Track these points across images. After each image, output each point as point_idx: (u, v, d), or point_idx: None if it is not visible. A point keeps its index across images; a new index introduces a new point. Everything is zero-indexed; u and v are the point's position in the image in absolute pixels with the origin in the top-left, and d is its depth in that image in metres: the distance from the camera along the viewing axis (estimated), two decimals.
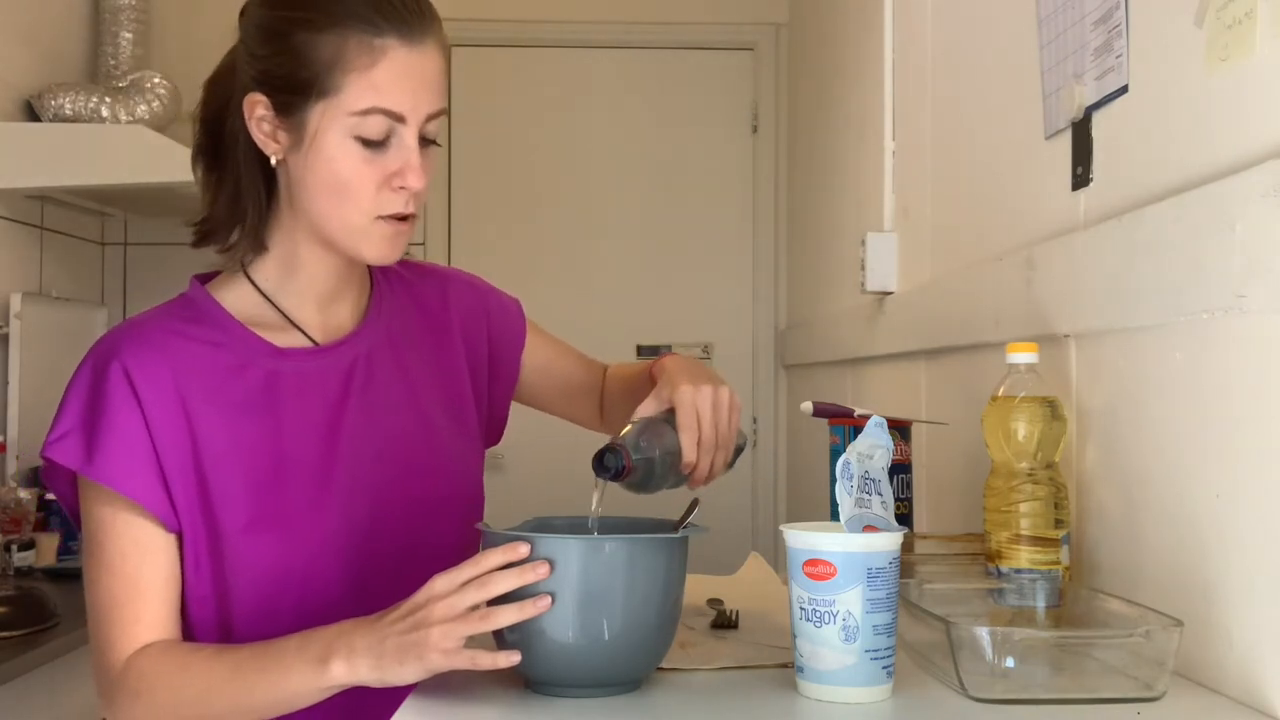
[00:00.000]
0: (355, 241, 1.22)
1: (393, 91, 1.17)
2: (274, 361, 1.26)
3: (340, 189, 1.19)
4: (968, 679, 1.02)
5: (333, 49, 1.16)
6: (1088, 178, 1.37)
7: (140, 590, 1.20)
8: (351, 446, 1.27)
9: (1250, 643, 1.02)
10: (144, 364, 1.21)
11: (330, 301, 1.31)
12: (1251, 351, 1.02)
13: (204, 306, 1.27)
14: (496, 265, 3.85)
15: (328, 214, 1.21)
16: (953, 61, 1.99)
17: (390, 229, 1.22)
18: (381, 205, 1.20)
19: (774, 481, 3.91)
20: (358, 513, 1.26)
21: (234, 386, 1.24)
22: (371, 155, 1.18)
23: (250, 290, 1.28)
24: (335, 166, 1.18)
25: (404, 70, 1.18)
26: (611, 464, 1.16)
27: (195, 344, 1.24)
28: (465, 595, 1.04)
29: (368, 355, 1.31)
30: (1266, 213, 0.96)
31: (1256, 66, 1.02)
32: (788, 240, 3.87)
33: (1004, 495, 1.25)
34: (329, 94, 1.17)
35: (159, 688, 1.16)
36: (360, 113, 1.17)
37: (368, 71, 1.16)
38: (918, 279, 2.16)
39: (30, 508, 2.59)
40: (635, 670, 1.08)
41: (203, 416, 1.22)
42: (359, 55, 1.16)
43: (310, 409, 1.26)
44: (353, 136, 1.18)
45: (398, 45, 1.17)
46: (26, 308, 2.98)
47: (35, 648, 1.95)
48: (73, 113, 3.06)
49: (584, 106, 3.95)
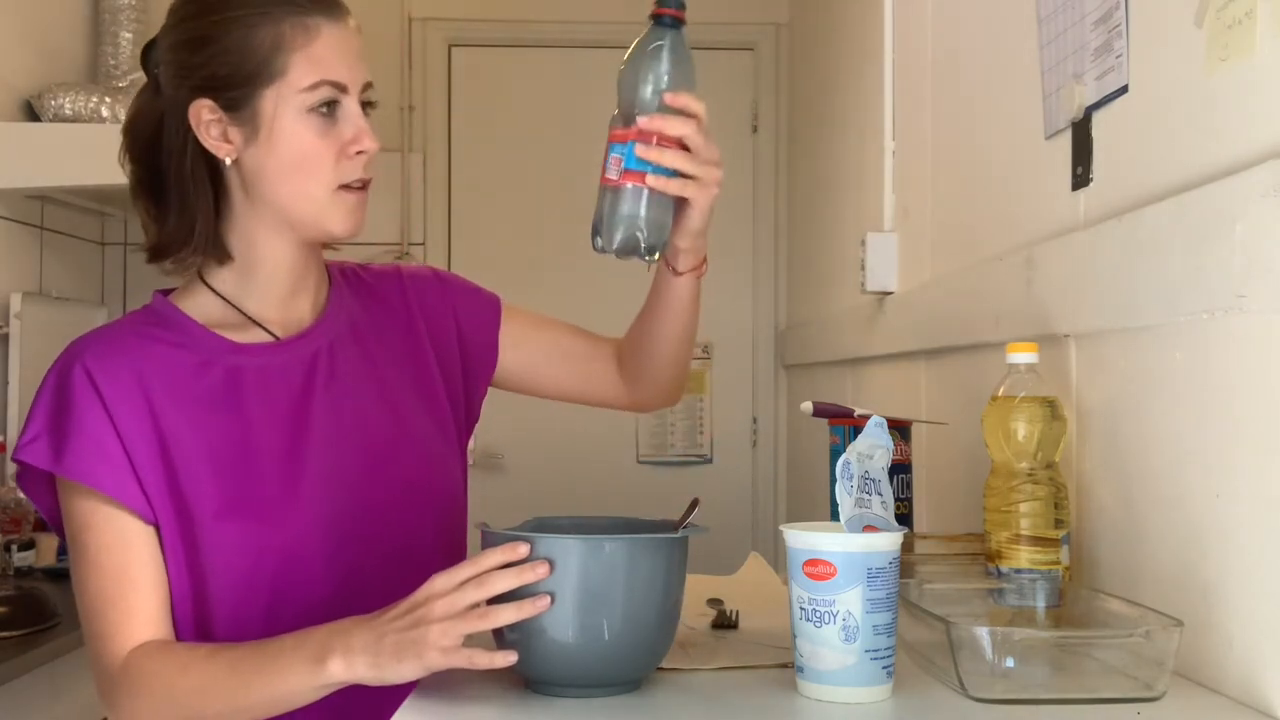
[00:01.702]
0: (321, 216, 1.27)
1: (332, 64, 1.25)
2: (235, 358, 1.28)
3: (302, 165, 1.25)
4: (968, 679, 1.02)
5: (271, 36, 1.23)
6: (1088, 178, 1.37)
7: (129, 584, 1.21)
8: (321, 435, 1.29)
9: (1250, 643, 1.02)
10: (105, 364, 1.23)
11: (290, 296, 1.33)
12: (1251, 351, 1.02)
13: (166, 313, 1.30)
14: (496, 265, 3.86)
15: (293, 194, 1.26)
16: (953, 61, 1.99)
17: (353, 198, 1.27)
18: (341, 174, 1.26)
19: (774, 481, 3.92)
20: (331, 499, 1.26)
21: (197, 383, 1.26)
22: (325, 128, 1.25)
23: (210, 297, 1.31)
24: (296, 143, 1.24)
25: (337, 44, 1.26)
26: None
27: (158, 345, 1.27)
28: (464, 594, 1.05)
29: (329, 347, 1.33)
30: (1266, 213, 0.96)
31: (1256, 66, 1.02)
32: (788, 240, 3.87)
33: (1004, 495, 1.25)
34: (276, 77, 1.23)
35: (158, 687, 1.17)
36: (308, 88, 1.24)
37: (307, 49, 1.24)
38: (918, 279, 2.16)
39: (30, 507, 2.59)
40: (635, 670, 1.08)
41: (168, 412, 1.24)
42: (296, 35, 1.23)
43: (275, 401, 1.28)
44: (306, 111, 1.24)
45: (326, 22, 1.25)
46: (26, 308, 2.98)
47: (35, 648, 1.95)
48: (73, 113, 3.06)
49: (584, 106, 3.93)
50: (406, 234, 3.84)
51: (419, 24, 3.89)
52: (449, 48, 3.92)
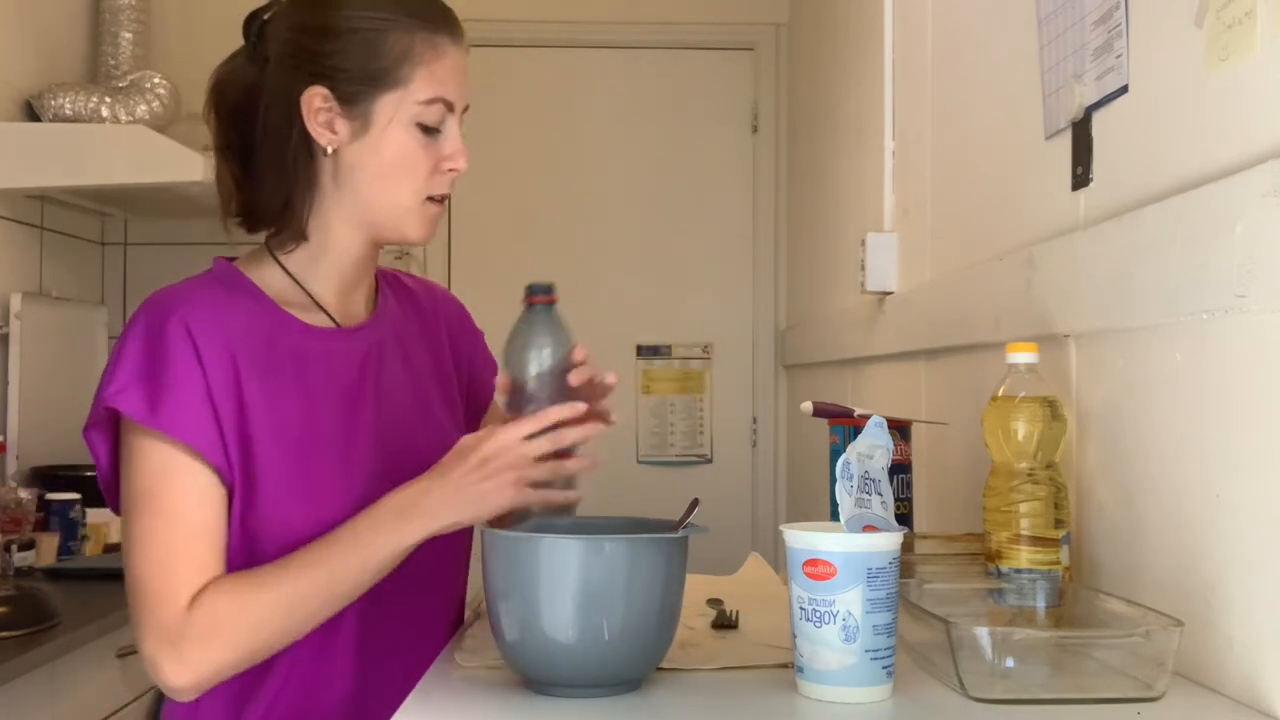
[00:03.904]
0: (402, 222, 1.33)
1: (449, 84, 1.31)
2: (304, 338, 1.32)
3: (400, 170, 1.30)
4: (968, 679, 1.02)
5: (402, 44, 1.28)
6: (1088, 178, 1.37)
7: (204, 539, 1.22)
8: (369, 425, 1.33)
9: (1250, 643, 1.02)
10: (203, 321, 1.25)
11: (351, 288, 1.38)
12: (1251, 351, 1.02)
13: (238, 281, 1.33)
14: (496, 265, 3.87)
15: (383, 195, 1.31)
16: (953, 61, 1.99)
17: (435, 210, 1.35)
18: (431, 187, 1.33)
19: (774, 481, 3.92)
20: (372, 490, 1.28)
21: (271, 354, 1.29)
22: (427, 141, 1.31)
23: (278, 271, 1.34)
24: (400, 150, 1.30)
25: (455, 65, 1.32)
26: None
27: (238, 312, 1.29)
28: (537, 444, 1.20)
29: (379, 343, 1.39)
30: (1266, 213, 0.96)
31: (1256, 66, 1.02)
32: (788, 240, 3.87)
33: (1004, 495, 1.25)
34: (399, 85, 1.28)
35: (238, 614, 1.19)
36: (425, 102, 1.29)
37: (432, 65, 1.29)
38: (918, 279, 2.16)
39: (30, 508, 2.59)
40: (635, 670, 1.09)
41: (249, 380, 1.26)
42: (424, 51, 1.29)
43: (334, 386, 1.32)
44: (415, 124, 1.29)
45: (450, 43, 1.31)
46: (26, 308, 2.98)
47: (35, 648, 1.95)
48: (73, 113, 3.06)
49: (584, 106, 3.95)
50: None
51: None
52: None
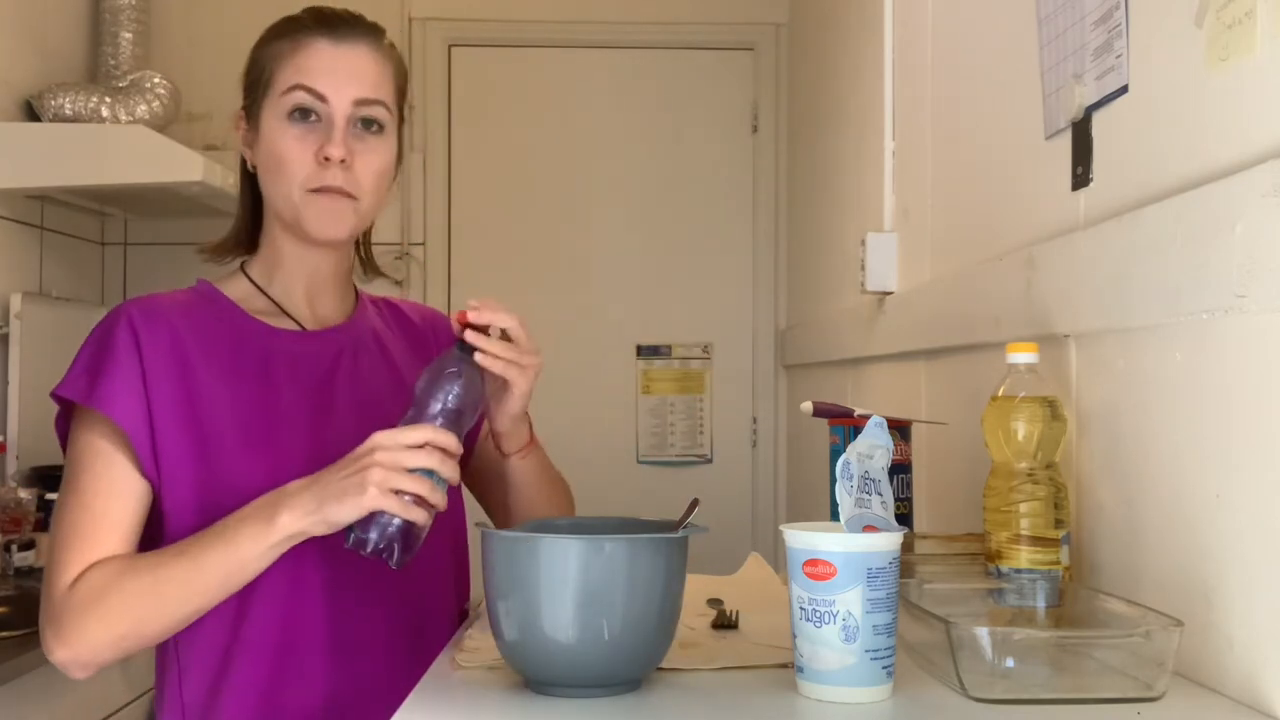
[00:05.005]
0: (297, 216, 1.36)
1: (313, 73, 1.35)
2: (268, 340, 1.38)
3: (278, 165, 1.35)
4: (968, 679, 1.02)
5: (275, 50, 1.38)
6: (1088, 178, 1.37)
7: (104, 526, 1.27)
8: (341, 417, 1.36)
9: (1250, 643, 1.02)
10: (150, 316, 1.33)
11: (317, 293, 1.44)
12: (1251, 351, 1.02)
13: (209, 294, 1.42)
14: (496, 265, 3.87)
15: (274, 193, 1.38)
16: (953, 61, 1.99)
17: (326, 201, 1.35)
18: (311, 179, 1.35)
19: (774, 481, 3.91)
20: None
21: (233, 355, 1.36)
22: (301, 133, 1.35)
23: (247, 284, 1.44)
24: (272, 145, 1.36)
25: (328, 59, 1.36)
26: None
27: (198, 317, 1.37)
28: (411, 455, 1.17)
29: (354, 345, 1.44)
30: (1266, 213, 0.96)
31: (1256, 66, 1.02)
32: (788, 240, 3.87)
33: (1004, 495, 1.25)
34: (270, 85, 1.37)
35: (109, 592, 1.22)
36: (286, 91, 1.35)
37: (294, 58, 1.36)
38: (918, 279, 2.16)
39: (30, 508, 2.59)
40: (635, 670, 1.08)
41: (201, 373, 1.32)
42: (290, 48, 1.37)
43: (302, 381, 1.38)
44: (285, 116, 1.35)
45: (320, 39, 1.36)
46: (26, 308, 2.98)
47: (35, 648, 1.95)
48: (73, 113, 3.06)
49: (584, 106, 3.95)
50: (406, 234, 3.84)
51: (419, 24, 3.89)
52: (449, 48, 3.92)
